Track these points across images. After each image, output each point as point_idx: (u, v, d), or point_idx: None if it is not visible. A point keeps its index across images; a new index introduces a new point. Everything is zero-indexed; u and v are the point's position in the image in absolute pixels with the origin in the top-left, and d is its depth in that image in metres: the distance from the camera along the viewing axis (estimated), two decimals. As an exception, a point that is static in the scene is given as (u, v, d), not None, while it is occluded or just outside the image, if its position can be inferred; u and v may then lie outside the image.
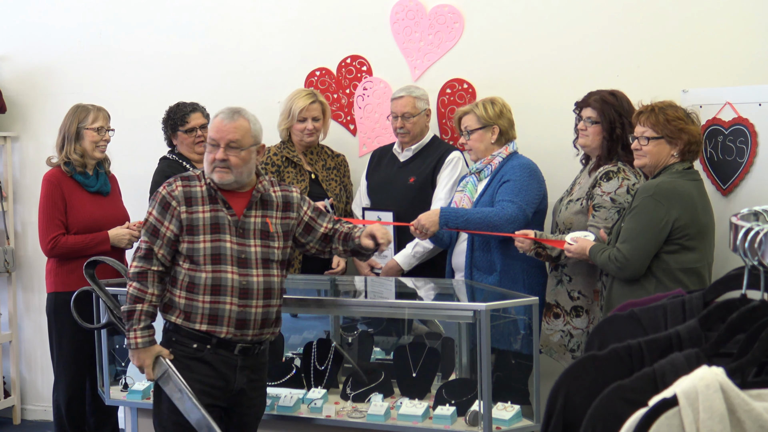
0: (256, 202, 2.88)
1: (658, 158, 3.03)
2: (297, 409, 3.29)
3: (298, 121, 4.00)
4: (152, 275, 2.84)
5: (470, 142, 3.64)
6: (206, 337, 2.81)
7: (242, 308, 2.80)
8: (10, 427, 4.87)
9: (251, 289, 2.81)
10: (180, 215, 2.82)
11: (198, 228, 2.81)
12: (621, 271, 2.99)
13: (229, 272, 2.80)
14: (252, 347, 2.87)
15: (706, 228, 3.03)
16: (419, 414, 3.11)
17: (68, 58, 4.78)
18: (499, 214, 3.43)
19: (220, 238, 2.81)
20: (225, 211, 2.84)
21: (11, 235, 4.85)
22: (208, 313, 2.79)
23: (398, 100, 3.92)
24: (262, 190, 2.90)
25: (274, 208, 2.93)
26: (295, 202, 2.98)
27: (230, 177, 2.82)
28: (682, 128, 2.99)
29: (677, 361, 1.31)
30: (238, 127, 2.82)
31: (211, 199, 2.85)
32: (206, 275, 2.79)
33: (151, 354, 2.83)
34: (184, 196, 2.84)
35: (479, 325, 2.97)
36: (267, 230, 2.88)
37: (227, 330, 2.80)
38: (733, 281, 1.51)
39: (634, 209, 2.99)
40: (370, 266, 3.98)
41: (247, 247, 2.83)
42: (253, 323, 2.82)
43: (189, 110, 4.02)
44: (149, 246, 2.85)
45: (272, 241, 2.88)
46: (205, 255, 2.79)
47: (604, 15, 3.94)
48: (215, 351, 2.82)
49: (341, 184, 4.13)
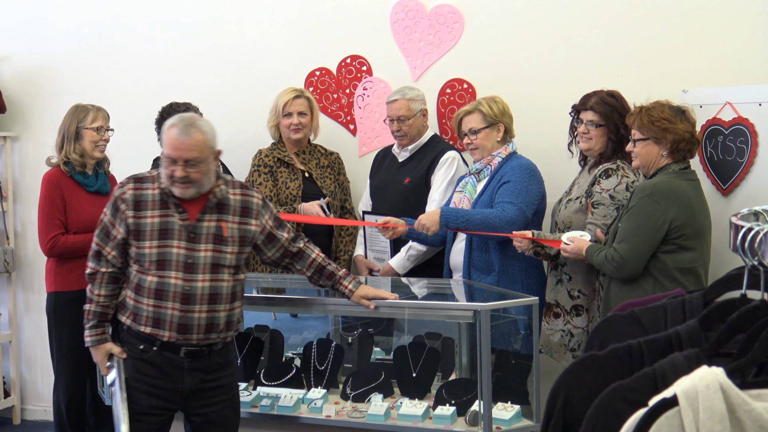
0: (212, 206, 2.84)
1: (648, 159, 3.05)
2: (297, 409, 3.29)
3: (284, 117, 4.00)
4: (101, 276, 2.90)
5: (477, 141, 3.61)
6: (151, 339, 2.83)
7: (184, 313, 2.78)
8: (10, 427, 4.87)
9: (194, 294, 2.78)
10: (127, 219, 2.83)
11: (145, 233, 2.81)
12: (618, 271, 2.99)
13: (173, 277, 2.78)
14: (199, 350, 2.83)
15: (703, 227, 3.03)
16: (419, 414, 3.12)
17: (68, 58, 4.78)
18: (500, 216, 3.43)
19: (168, 244, 2.79)
20: (177, 216, 2.81)
21: (11, 235, 4.85)
22: (152, 316, 2.81)
23: (393, 103, 3.92)
24: (219, 195, 2.84)
25: (231, 212, 2.87)
26: (254, 208, 2.91)
27: (191, 191, 2.79)
28: (667, 128, 2.99)
29: (677, 361, 1.31)
30: (196, 144, 2.74)
31: (163, 204, 2.82)
32: (151, 279, 2.79)
33: (101, 352, 2.91)
34: (133, 199, 2.84)
35: (479, 325, 2.97)
36: (221, 234, 2.83)
37: (170, 334, 2.79)
38: (733, 281, 1.51)
39: (631, 209, 3.00)
40: (368, 269, 3.99)
41: (197, 252, 2.80)
42: (196, 328, 2.79)
43: (182, 110, 4.01)
44: (99, 248, 2.91)
45: (225, 246, 2.83)
46: (150, 260, 2.79)
47: (604, 15, 3.94)
48: (161, 353, 2.82)
49: (336, 181, 4.13)
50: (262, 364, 3.67)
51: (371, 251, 3.99)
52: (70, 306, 3.80)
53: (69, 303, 3.80)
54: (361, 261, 4.03)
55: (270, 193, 3.95)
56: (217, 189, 2.85)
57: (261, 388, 3.45)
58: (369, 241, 3.99)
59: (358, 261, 4.04)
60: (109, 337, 2.93)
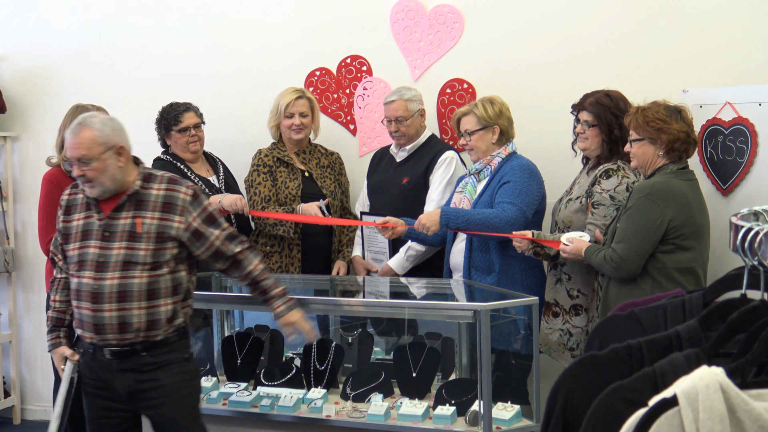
0: (126, 203, 2.79)
1: (644, 159, 3.06)
2: (297, 409, 3.29)
3: (285, 117, 4.00)
4: (57, 282, 2.96)
5: (471, 142, 3.63)
6: (83, 341, 2.84)
7: (95, 312, 2.75)
8: (10, 427, 4.87)
9: (102, 293, 2.73)
10: (59, 223, 2.89)
11: (71, 236, 2.83)
12: (617, 271, 3.00)
13: (86, 277, 2.76)
14: (122, 350, 2.77)
15: (702, 227, 3.03)
16: (419, 414, 3.12)
17: (68, 58, 4.78)
18: (500, 216, 3.43)
19: (86, 244, 2.79)
20: (95, 216, 2.80)
21: (11, 235, 4.85)
22: (78, 317, 2.82)
23: (390, 104, 3.92)
24: (133, 191, 2.79)
25: (150, 208, 2.79)
26: (179, 204, 2.79)
27: (96, 190, 2.77)
28: (661, 128, 2.99)
29: (677, 361, 1.31)
30: (82, 142, 2.72)
31: (87, 206, 2.83)
32: (75, 280, 2.81)
33: (57, 356, 2.93)
34: (66, 204, 2.89)
35: (479, 325, 2.97)
36: (134, 231, 2.77)
37: (90, 335, 2.78)
38: (733, 281, 1.51)
39: (629, 209, 3.00)
40: (366, 269, 3.99)
41: (110, 250, 2.76)
42: (109, 327, 2.73)
43: (182, 110, 4.02)
44: (53, 255, 2.97)
45: (138, 242, 2.75)
46: (73, 262, 2.81)
47: (604, 15, 3.94)
48: (94, 354, 2.82)
49: (336, 181, 4.13)
50: (262, 364, 3.68)
51: (369, 252, 3.99)
52: (69, 306, 3.80)
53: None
54: (359, 262, 4.03)
55: (269, 193, 3.95)
56: (133, 185, 2.80)
57: (261, 388, 3.45)
58: (367, 242, 3.99)
59: (356, 262, 4.04)
60: (63, 341, 2.93)
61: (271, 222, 3.90)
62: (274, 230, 3.92)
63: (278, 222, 3.88)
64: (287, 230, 3.88)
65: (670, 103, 3.08)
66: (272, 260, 3.95)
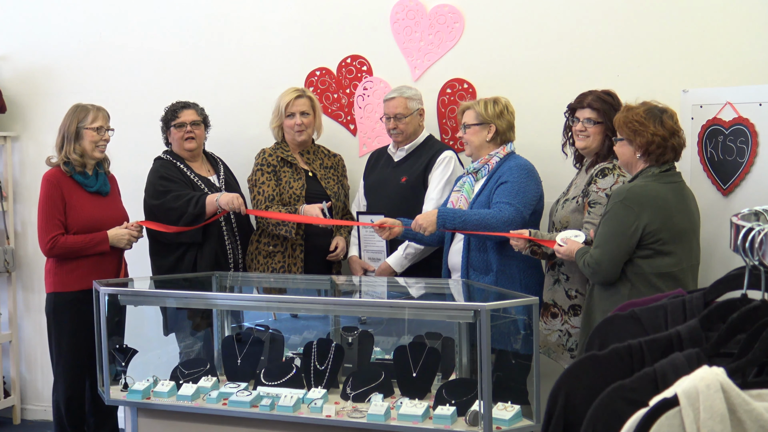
0: None
1: (626, 160, 3.06)
2: (297, 409, 3.28)
3: (287, 117, 4.01)
4: None
5: (466, 135, 3.66)
6: None
7: None
8: (10, 427, 4.87)
9: None
10: None
11: None
12: (594, 275, 3.00)
13: None
14: None
15: (684, 232, 2.98)
16: (419, 414, 3.11)
17: (68, 58, 4.78)
18: (497, 216, 3.43)
19: None
20: None
21: (11, 235, 4.85)
22: None
23: (390, 101, 3.93)
24: None
25: None
26: None
27: None
28: (636, 129, 2.97)
29: (678, 361, 1.31)
30: None
31: None
32: None
33: None
34: None
35: (479, 325, 2.97)
36: None
37: None
38: (733, 281, 1.51)
39: (606, 214, 2.99)
40: (363, 269, 3.98)
41: None
42: None
43: (181, 106, 4.05)
44: None
45: None
46: None
47: (604, 15, 3.94)
48: None
49: (339, 183, 4.13)
50: (262, 364, 3.67)
51: (366, 252, 3.99)
52: (69, 306, 3.80)
53: (69, 303, 3.80)
54: (356, 261, 4.02)
55: (273, 192, 3.95)
56: None
57: (261, 388, 3.45)
58: (363, 242, 3.99)
59: (353, 261, 4.04)
60: None
61: (274, 222, 3.90)
62: (277, 230, 3.92)
63: (281, 222, 3.88)
64: (289, 230, 3.89)
65: (659, 104, 3.04)
66: (275, 260, 3.95)
